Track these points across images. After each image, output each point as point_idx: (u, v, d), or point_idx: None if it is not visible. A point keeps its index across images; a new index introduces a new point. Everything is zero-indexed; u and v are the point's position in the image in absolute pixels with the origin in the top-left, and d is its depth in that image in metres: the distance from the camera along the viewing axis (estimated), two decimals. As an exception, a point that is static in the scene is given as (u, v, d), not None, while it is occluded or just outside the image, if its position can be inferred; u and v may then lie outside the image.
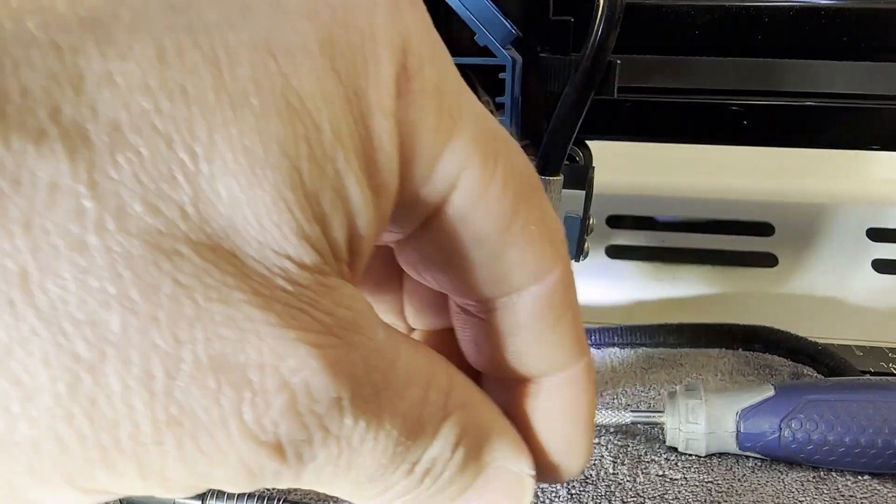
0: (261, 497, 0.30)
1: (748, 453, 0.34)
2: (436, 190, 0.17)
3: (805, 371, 0.43)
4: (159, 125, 0.13)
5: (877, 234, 0.53)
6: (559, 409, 0.21)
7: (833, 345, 0.44)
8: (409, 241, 0.19)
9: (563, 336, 0.20)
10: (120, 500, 0.31)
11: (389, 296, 0.24)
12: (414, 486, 0.18)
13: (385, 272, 0.23)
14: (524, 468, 0.20)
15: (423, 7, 0.17)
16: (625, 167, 0.64)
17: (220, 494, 0.30)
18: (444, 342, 0.22)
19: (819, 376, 0.42)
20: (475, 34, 0.35)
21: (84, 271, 0.13)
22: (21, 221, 0.12)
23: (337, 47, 0.15)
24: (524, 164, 0.19)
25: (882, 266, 0.53)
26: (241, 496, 0.30)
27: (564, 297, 0.20)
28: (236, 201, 0.14)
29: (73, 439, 0.13)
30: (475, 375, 0.22)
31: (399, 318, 0.24)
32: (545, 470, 0.22)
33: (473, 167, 0.17)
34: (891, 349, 0.46)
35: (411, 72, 0.16)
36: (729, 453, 0.35)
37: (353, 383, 0.15)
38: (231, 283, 0.14)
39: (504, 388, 0.21)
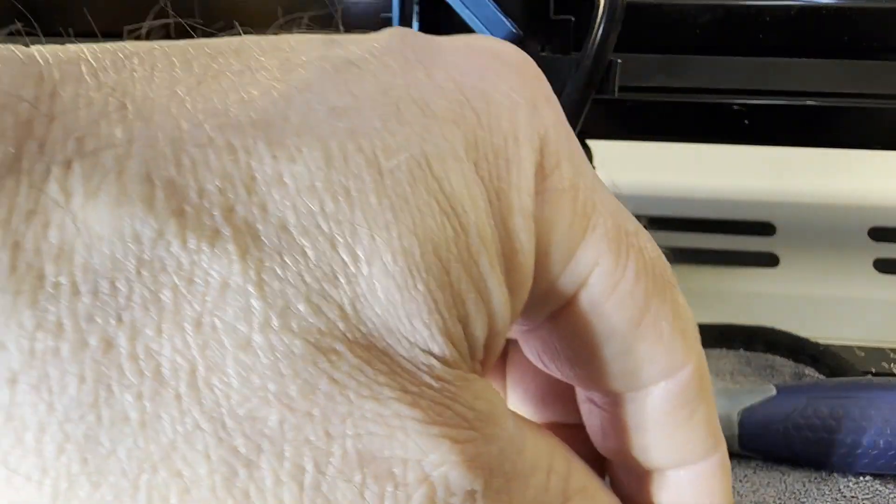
0: None
1: (750, 454, 0.34)
2: (568, 285, 0.17)
3: (806, 371, 0.43)
4: (324, 226, 0.14)
5: (879, 234, 0.53)
6: (688, 502, 0.21)
7: (834, 345, 0.44)
8: (536, 332, 0.19)
9: (694, 431, 0.20)
10: None
11: (495, 384, 0.23)
12: None
13: (523, 367, 0.23)
14: None
15: (558, 104, 0.17)
16: (625, 167, 0.64)
17: None
18: (576, 433, 0.22)
19: (820, 377, 0.42)
20: (475, 33, 0.35)
21: (248, 369, 0.13)
22: (193, 319, 0.13)
23: (481, 150, 0.15)
24: (657, 258, 0.19)
25: (884, 266, 0.53)
26: None
27: (697, 392, 0.20)
28: (392, 302, 0.14)
29: None
30: (601, 459, 0.22)
31: (528, 404, 0.24)
32: None
33: (605, 263, 0.17)
34: (892, 350, 0.46)
35: (548, 170, 0.17)
36: (730, 454, 0.35)
37: (487, 475, 0.15)
38: (382, 381, 0.14)
39: (631, 477, 0.21)
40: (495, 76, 0.16)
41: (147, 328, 0.12)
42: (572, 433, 0.22)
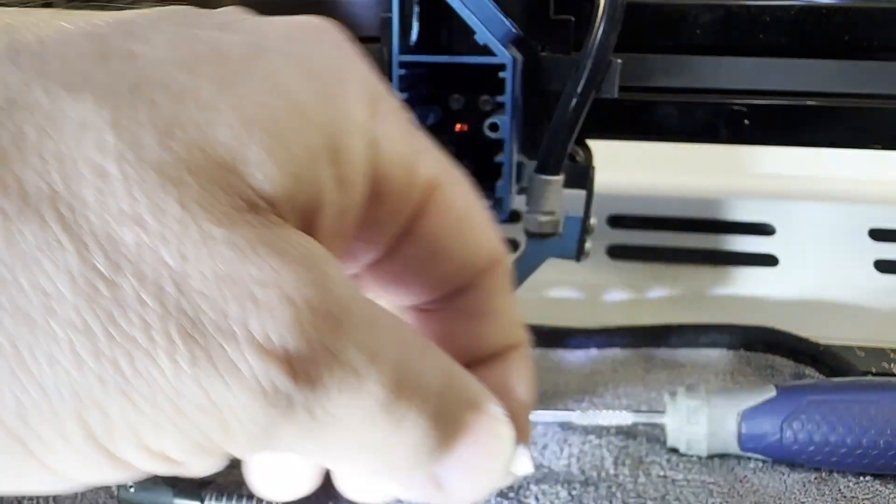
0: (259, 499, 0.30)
1: (750, 454, 0.34)
2: (408, 197, 0.20)
3: (807, 372, 0.43)
4: (174, 87, 0.16)
5: (879, 235, 0.53)
6: (516, 379, 0.24)
7: (835, 345, 0.44)
8: (381, 264, 0.22)
9: (513, 317, 0.24)
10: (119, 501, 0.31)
11: None
12: (416, 418, 0.19)
13: None
14: (502, 417, 0.21)
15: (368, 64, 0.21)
16: (625, 167, 0.64)
17: (218, 495, 0.30)
18: None
19: (821, 377, 0.42)
20: (475, 33, 0.35)
21: (104, 194, 0.15)
22: (54, 152, 0.15)
23: (321, 78, 0.18)
24: (468, 182, 0.22)
25: (884, 266, 0.53)
26: (239, 498, 0.30)
27: (510, 282, 0.23)
28: (234, 148, 0.16)
29: (89, 354, 0.14)
30: None
31: None
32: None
33: (440, 172, 0.21)
34: (893, 350, 0.46)
35: (380, 100, 0.20)
36: (731, 454, 0.35)
37: (346, 309, 0.17)
38: (230, 211, 0.16)
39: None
40: (325, 34, 0.20)
41: (13, 158, 0.14)
42: None
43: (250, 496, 0.30)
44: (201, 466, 0.17)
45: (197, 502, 0.29)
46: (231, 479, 0.32)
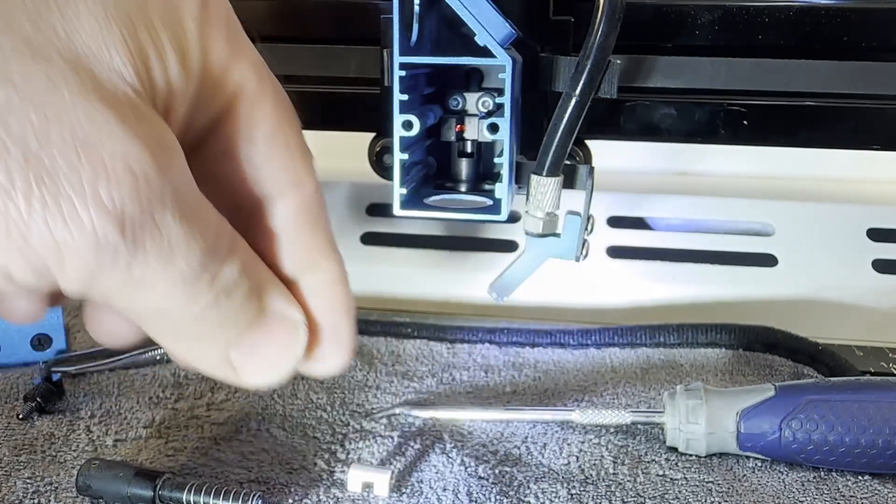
0: (237, 494, 0.30)
1: (749, 454, 0.34)
2: (226, 92, 0.23)
3: (805, 371, 0.43)
4: None
5: (877, 235, 0.53)
6: (323, 300, 0.26)
7: (833, 345, 0.44)
8: (201, 150, 0.24)
9: (320, 239, 0.26)
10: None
11: None
12: (213, 301, 0.22)
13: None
14: (298, 317, 0.25)
15: None
16: (625, 167, 0.64)
17: (198, 488, 0.30)
18: None
19: (819, 376, 0.42)
20: (475, 34, 0.35)
21: None
22: None
23: None
24: (287, 98, 0.24)
25: (882, 266, 0.53)
26: (217, 492, 0.31)
27: (320, 208, 0.26)
28: (93, 32, 0.19)
29: None
30: None
31: None
32: (315, 339, 0.26)
33: (251, 84, 0.23)
34: (891, 349, 0.46)
35: (211, 6, 0.22)
36: (729, 454, 0.35)
37: (175, 189, 0.20)
38: (88, 87, 0.19)
39: None
40: None
41: None
42: None
43: (199, 487, 0.31)
44: (33, 292, 0.21)
45: (149, 491, 0.30)
46: (185, 472, 0.33)
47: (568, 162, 0.37)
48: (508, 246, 0.56)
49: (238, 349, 0.24)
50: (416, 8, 0.37)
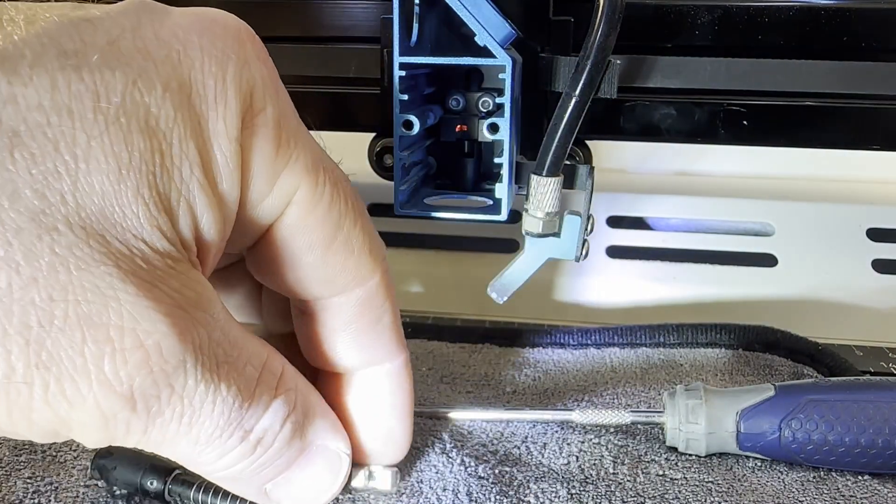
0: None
1: (748, 453, 0.34)
2: (274, 205, 0.22)
3: (805, 371, 0.43)
4: (49, 133, 0.18)
5: (877, 235, 0.53)
6: (378, 398, 0.26)
7: (833, 345, 0.44)
8: (255, 249, 0.24)
9: (382, 334, 0.25)
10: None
11: (254, 304, 0.29)
12: (247, 453, 0.21)
13: (252, 285, 0.28)
14: (342, 447, 0.24)
15: (269, 60, 0.22)
16: (624, 167, 0.64)
17: (206, 487, 0.31)
18: (293, 345, 0.27)
19: (819, 376, 0.42)
20: (475, 34, 0.35)
21: None
22: None
23: (193, 89, 0.20)
24: (348, 187, 0.24)
25: (882, 266, 0.53)
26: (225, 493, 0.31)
27: (384, 300, 0.25)
28: (106, 192, 0.18)
29: None
30: (312, 372, 0.26)
31: (257, 319, 0.29)
32: (365, 452, 0.26)
33: (305, 187, 0.22)
34: (891, 349, 0.46)
35: (256, 110, 0.21)
36: (729, 453, 0.35)
37: (196, 351, 0.19)
38: (98, 258, 0.18)
39: (333, 381, 0.26)
40: (212, 35, 0.21)
41: None
42: (290, 343, 0.27)
43: (208, 487, 0.31)
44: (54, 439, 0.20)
45: (161, 484, 0.30)
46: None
47: (568, 162, 0.37)
48: (508, 246, 0.56)
49: (275, 484, 0.23)
50: (416, 8, 0.37)
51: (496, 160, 0.39)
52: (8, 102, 0.18)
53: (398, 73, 0.36)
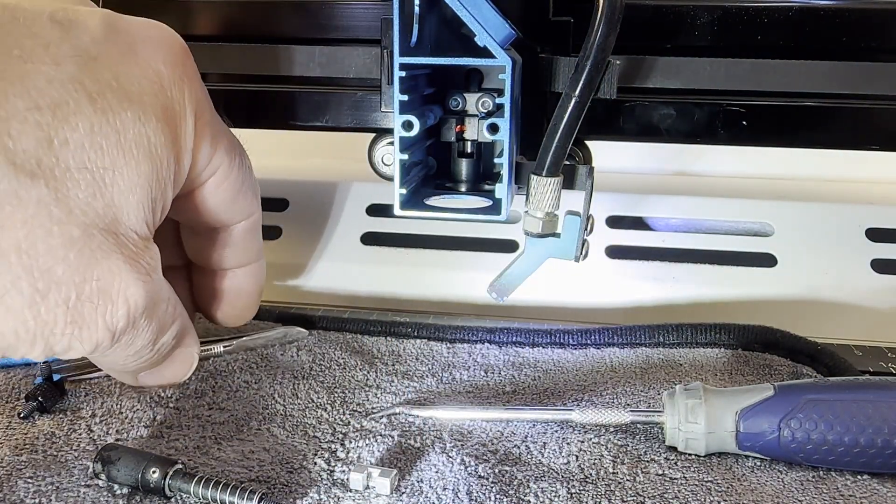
0: (243, 489, 0.30)
1: (748, 453, 0.34)
2: (207, 175, 0.33)
3: (804, 371, 0.43)
4: (88, 166, 0.27)
5: (876, 235, 0.54)
6: (242, 286, 0.38)
7: (832, 344, 0.44)
8: (185, 199, 0.33)
9: (254, 243, 0.37)
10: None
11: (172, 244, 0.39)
12: (149, 358, 0.32)
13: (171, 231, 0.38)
14: (195, 349, 0.35)
15: (196, 69, 0.31)
16: (624, 167, 0.64)
17: (206, 481, 0.31)
18: (175, 272, 0.38)
19: (818, 376, 0.42)
20: (475, 35, 0.35)
21: (50, 246, 0.26)
22: (22, 219, 0.26)
23: (171, 112, 0.30)
24: (245, 155, 0.34)
25: (881, 266, 0.53)
26: (224, 486, 0.31)
27: (258, 222, 0.37)
28: (121, 206, 0.28)
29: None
30: (185, 265, 0.39)
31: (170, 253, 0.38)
32: (231, 319, 0.39)
33: (226, 162, 0.33)
34: (890, 349, 0.46)
35: (200, 117, 0.31)
36: (728, 453, 0.35)
37: (150, 303, 0.29)
38: (112, 250, 0.27)
39: (213, 277, 0.38)
40: (173, 62, 0.30)
41: None
42: (174, 272, 0.38)
43: (207, 480, 0.31)
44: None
45: (161, 478, 0.31)
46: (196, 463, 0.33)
47: (568, 162, 0.37)
48: (508, 246, 0.56)
49: (148, 373, 0.34)
50: (416, 8, 0.37)
51: (496, 160, 0.39)
52: (63, 145, 0.26)
53: (398, 73, 0.36)
